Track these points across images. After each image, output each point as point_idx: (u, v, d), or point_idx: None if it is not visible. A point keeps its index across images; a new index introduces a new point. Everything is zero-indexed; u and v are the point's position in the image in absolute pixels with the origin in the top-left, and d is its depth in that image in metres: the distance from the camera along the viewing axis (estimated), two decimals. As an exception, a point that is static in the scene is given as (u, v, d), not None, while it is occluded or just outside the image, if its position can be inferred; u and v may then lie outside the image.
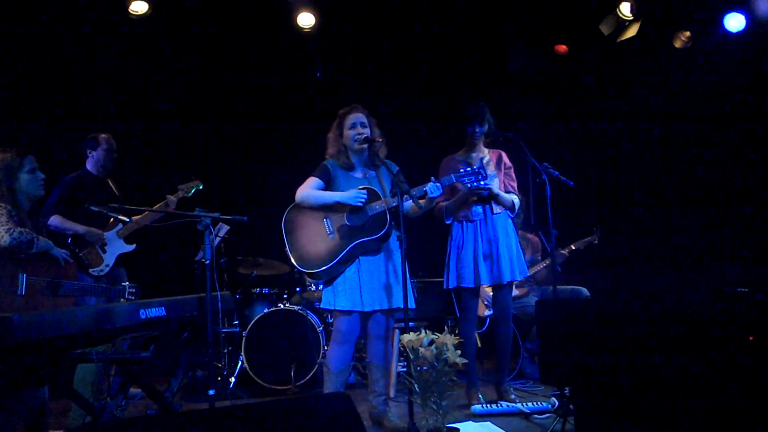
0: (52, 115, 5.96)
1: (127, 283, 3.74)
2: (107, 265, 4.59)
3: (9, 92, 5.79)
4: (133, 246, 4.74)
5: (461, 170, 3.83)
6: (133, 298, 3.67)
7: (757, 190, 6.18)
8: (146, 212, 4.67)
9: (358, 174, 3.94)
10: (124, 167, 5.20)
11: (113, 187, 4.86)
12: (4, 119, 5.71)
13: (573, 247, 5.48)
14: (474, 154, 4.48)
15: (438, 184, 3.73)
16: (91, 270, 4.54)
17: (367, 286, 3.75)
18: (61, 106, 6.03)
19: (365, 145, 3.86)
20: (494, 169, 4.43)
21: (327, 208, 3.82)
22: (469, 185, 3.85)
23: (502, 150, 4.58)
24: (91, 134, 4.82)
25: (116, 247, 4.66)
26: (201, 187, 5.08)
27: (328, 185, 3.90)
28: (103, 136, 4.80)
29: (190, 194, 5.01)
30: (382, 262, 3.83)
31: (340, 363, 3.82)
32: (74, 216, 4.55)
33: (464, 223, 4.37)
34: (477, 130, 4.39)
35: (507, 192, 4.42)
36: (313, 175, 3.90)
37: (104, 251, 4.61)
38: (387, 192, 3.86)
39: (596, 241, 5.50)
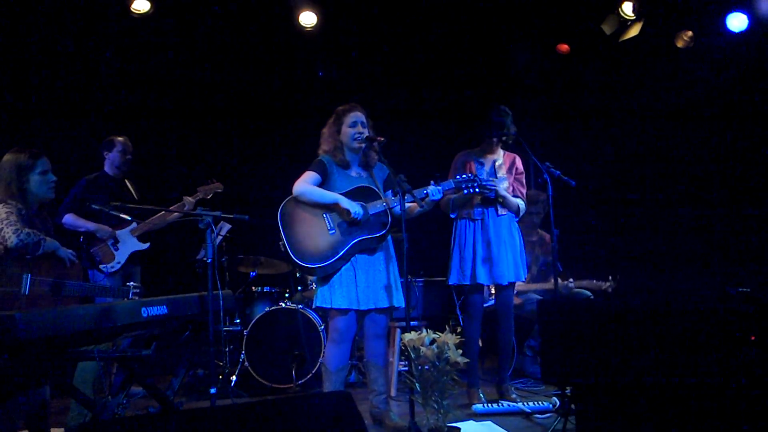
0: (51, 116, 5.97)
1: (131, 283, 3.74)
2: (119, 263, 4.68)
3: (9, 93, 5.80)
4: (147, 244, 4.82)
5: (458, 176, 3.90)
6: (137, 298, 3.67)
7: (758, 190, 6.17)
8: (161, 212, 4.77)
9: (354, 173, 3.92)
10: (137, 168, 5.24)
11: (131, 188, 4.95)
12: (19, 121, 5.74)
13: (583, 283, 5.40)
14: (489, 155, 4.48)
15: (439, 188, 3.75)
16: (102, 266, 4.65)
17: (363, 284, 3.75)
18: (63, 108, 6.04)
19: (363, 145, 3.85)
20: (506, 173, 4.43)
21: (326, 205, 3.80)
22: (465, 191, 3.87)
23: (517, 154, 4.59)
24: (108, 137, 4.94)
25: (129, 245, 4.75)
26: (221, 190, 5.12)
27: (325, 181, 3.85)
28: (118, 138, 4.93)
29: (209, 196, 5.06)
30: (379, 260, 3.82)
31: (338, 362, 3.81)
32: (91, 216, 4.62)
33: (467, 221, 4.38)
34: (502, 138, 4.40)
35: (515, 196, 4.41)
36: (311, 170, 3.84)
37: (116, 248, 4.70)
38: (382, 192, 3.86)
39: (610, 290, 5.31)
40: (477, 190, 3.94)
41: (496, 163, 4.46)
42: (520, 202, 4.43)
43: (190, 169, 6.44)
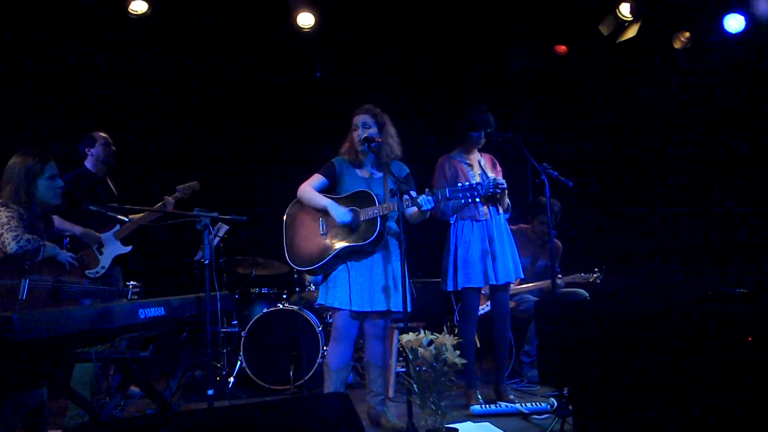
0: (50, 115, 5.96)
1: (132, 282, 3.71)
2: (103, 267, 4.58)
3: (8, 92, 5.78)
4: (130, 247, 4.72)
5: (459, 184, 3.68)
6: (137, 297, 3.64)
7: (757, 190, 6.18)
8: (145, 212, 4.65)
9: (365, 173, 3.96)
10: (122, 167, 5.19)
11: (112, 186, 4.86)
12: (3, 119, 5.72)
13: (570, 278, 5.40)
14: (472, 155, 4.48)
15: (430, 198, 3.60)
16: (87, 272, 4.51)
17: (357, 286, 3.77)
18: (60, 106, 6.03)
19: (365, 146, 3.85)
20: (492, 172, 4.44)
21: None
22: (462, 201, 3.67)
23: (494, 150, 4.58)
24: (86, 133, 4.81)
25: (113, 248, 4.64)
26: (198, 189, 5.09)
27: (334, 183, 3.94)
28: (99, 133, 4.80)
29: (187, 196, 5.01)
30: (378, 263, 3.82)
31: (338, 361, 3.83)
32: (73, 215, 4.54)
33: (471, 222, 4.36)
34: (482, 135, 4.39)
35: None
36: (319, 173, 3.95)
37: (101, 253, 4.59)
38: (385, 196, 3.85)
39: (599, 281, 5.36)
40: (478, 199, 3.68)
41: (481, 163, 4.46)
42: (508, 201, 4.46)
43: (189, 170, 6.43)
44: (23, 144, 3.63)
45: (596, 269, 5.39)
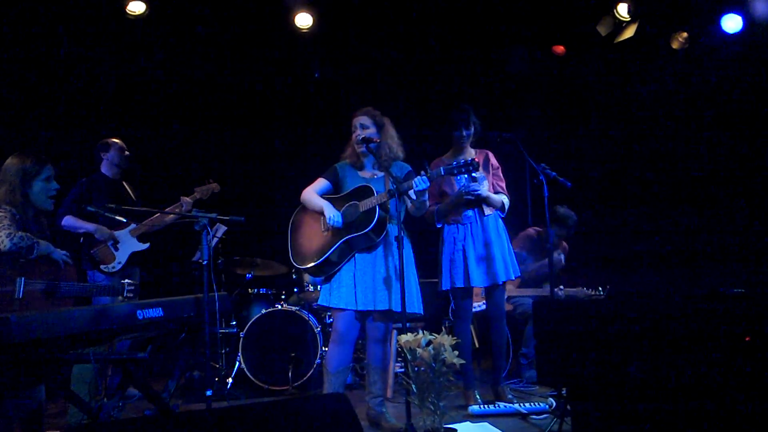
0: (53, 120, 5.97)
1: (126, 280, 3.73)
2: (119, 263, 4.74)
3: (9, 95, 5.78)
4: (147, 245, 4.88)
5: (454, 162, 3.72)
6: (132, 295, 3.66)
7: (755, 190, 6.19)
8: (157, 214, 4.82)
9: (365, 174, 3.99)
10: (135, 169, 5.26)
11: (128, 190, 5.01)
12: (5, 123, 5.72)
13: (572, 291, 5.40)
14: (461, 157, 4.48)
15: (425, 178, 3.62)
16: (102, 267, 4.71)
17: (362, 285, 3.76)
18: (58, 109, 6.03)
19: (363, 146, 3.86)
20: (482, 171, 4.43)
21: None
22: (458, 176, 3.82)
23: (492, 151, 4.58)
24: (100, 140, 4.98)
25: (129, 245, 4.81)
26: (217, 191, 5.16)
27: (337, 185, 3.99)
28: (113, 139, 4.99)
29: (206, 197, 5.09)
30: (381, 261, 3.82)
31: (338, 363, 3.82)
32: (89, 217, 4.65)
33: (455, 225, 4.38)
34: (464, 133, 4.40)
35: (496, 192, 4.42)
36: (321, 177, 4.03)
37: (116, 249, 4.75)
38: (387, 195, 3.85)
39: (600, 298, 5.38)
40: (475, 173, 3.82)
41: None
42: (504, 198, 4.44)
43: (187, 170, 6.43)
44: (26, 147, 3.62)
45: (600, 288, 5.37)
